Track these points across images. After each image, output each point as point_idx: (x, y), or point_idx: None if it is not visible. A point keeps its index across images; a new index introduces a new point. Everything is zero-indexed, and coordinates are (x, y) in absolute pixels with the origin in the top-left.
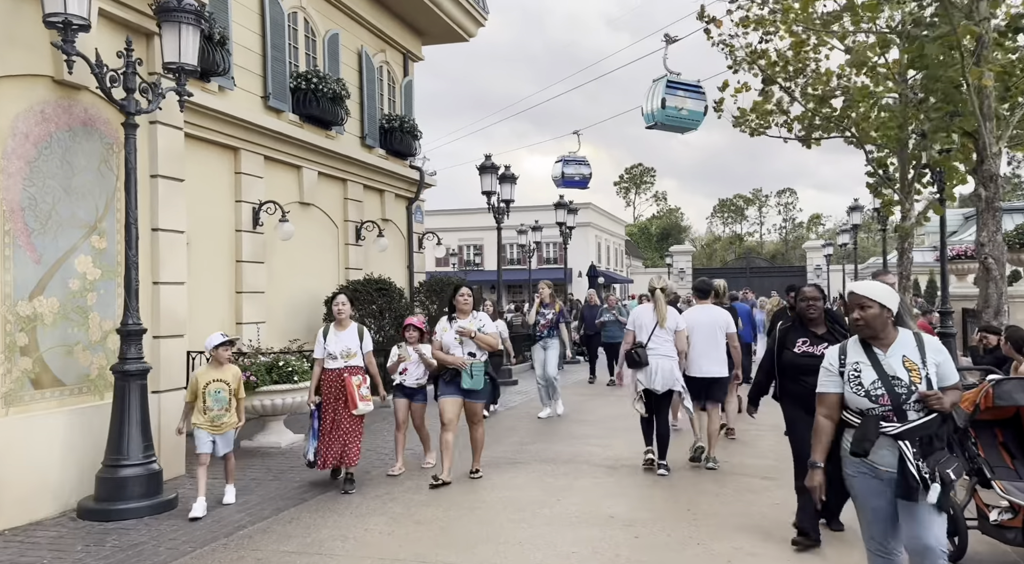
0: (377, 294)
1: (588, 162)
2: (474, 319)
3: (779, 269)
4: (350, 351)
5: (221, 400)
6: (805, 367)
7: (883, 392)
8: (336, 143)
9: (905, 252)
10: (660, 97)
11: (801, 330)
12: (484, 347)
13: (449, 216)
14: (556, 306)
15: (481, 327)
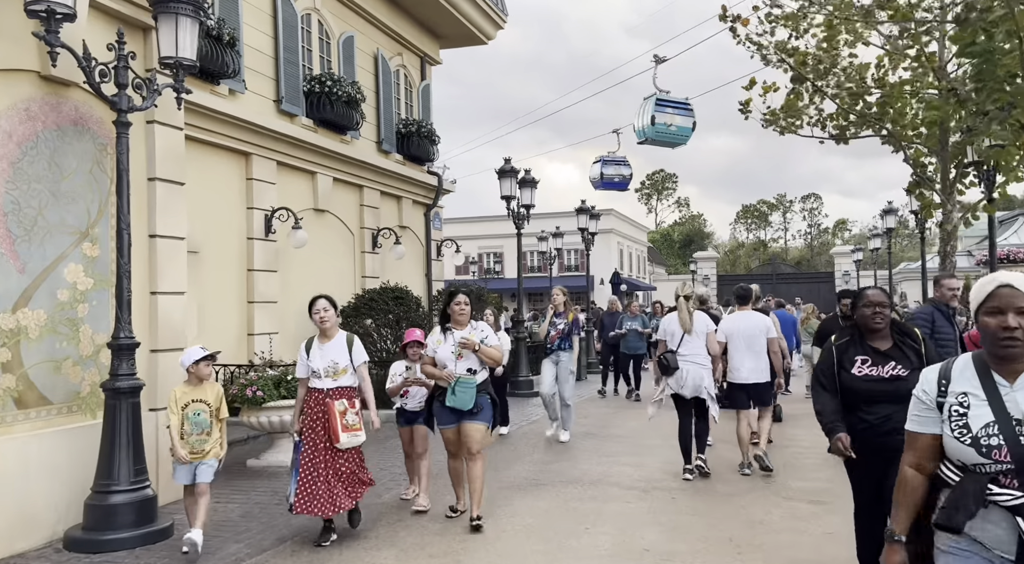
0: (393, 303)
1: (628, 162)
2: (474, 330)
3: (806, 275)
4: (337, 367)
5: (201, 423)
6: (867, 393)
7: (1001, 442)
8: (351, 148)
9: (948, 256)
10: (650, 114)
11: (860, 346)
12: (488, 362)
13: (469, 224)
14: (570, 315)
15: (484, 339)
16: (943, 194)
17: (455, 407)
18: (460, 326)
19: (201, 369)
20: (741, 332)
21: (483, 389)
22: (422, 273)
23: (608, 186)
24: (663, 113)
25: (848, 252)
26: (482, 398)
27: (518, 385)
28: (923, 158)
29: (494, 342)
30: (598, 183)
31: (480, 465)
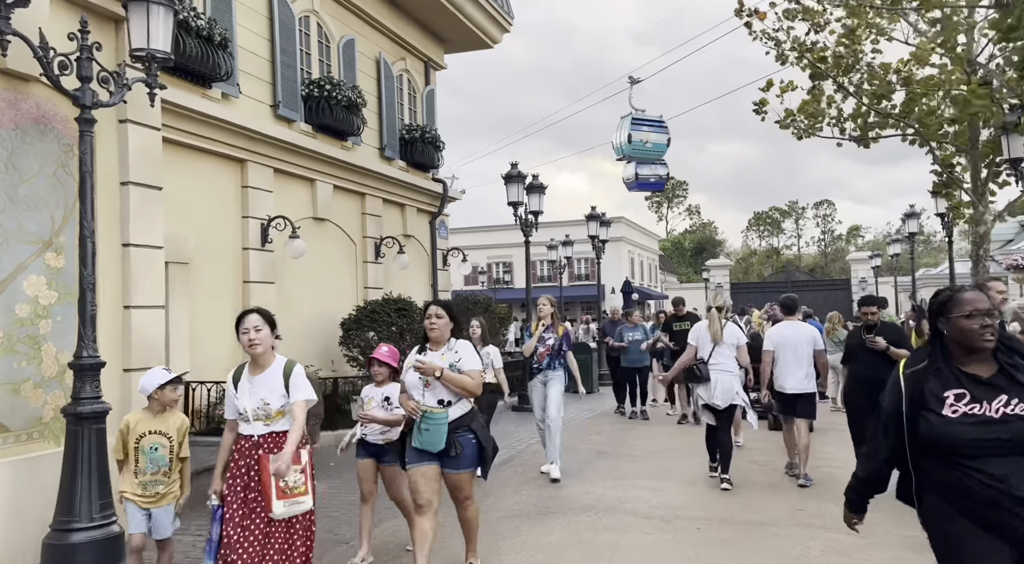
0: (396, 315)
1: (665, 161)
2: (449, 350)
3: (821, 282)
4: (269, 409)
5: (158, 461)
6: (975, 444)
7: None
8: (352, 154)
9: (981, 260)
10: (627, 133)
11: (948, 373)
12: (459, 391)
13: (477, 233)
14: (559, 328)
15: (456, 362)
16: (974, 195)
17: (421, 448)
18: (436, 345)
19: (166, 395)
20: (789, 342)
21: (463, 425)
22: (427, 283)
23: (644, 187)
24: (639, 131)
25: (865, 258)
26: (462, 437)
27: (525, 400)
28: (953, 158)
29: (470, 365)
30: (633, 184)
31: (471, 509)
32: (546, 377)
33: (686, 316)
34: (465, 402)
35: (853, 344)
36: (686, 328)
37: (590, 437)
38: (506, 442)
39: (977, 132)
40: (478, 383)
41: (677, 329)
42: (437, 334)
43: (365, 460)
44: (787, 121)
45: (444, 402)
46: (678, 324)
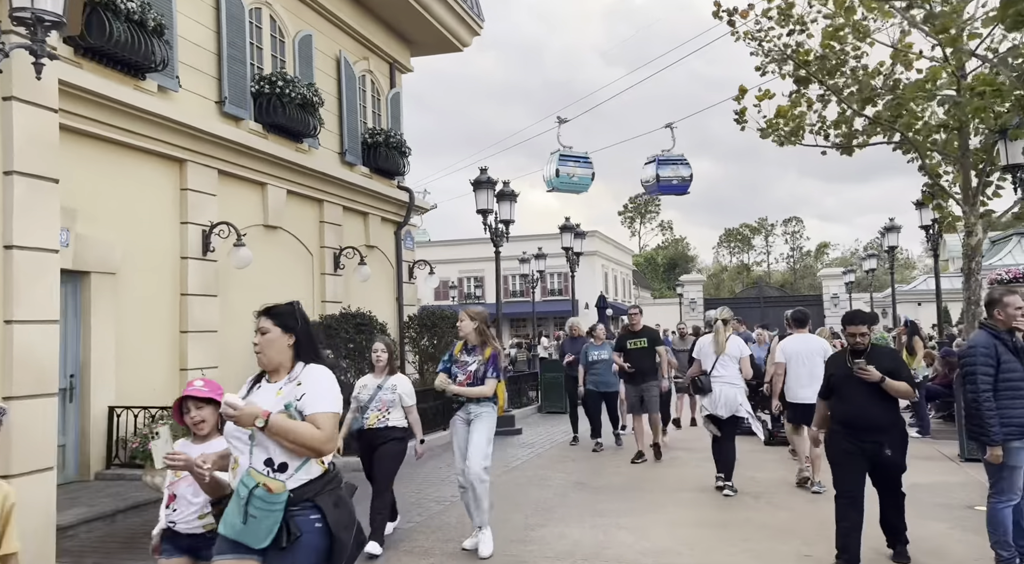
0: (355, 330)
1: (687, 161)
2: (289, 382)
3: (793, 298)
4: None
5: None
6: None
7: None
8: (309, 158)
9: (973, 273)
10: (555, 167)
11: None
12: (295, 448)
13: (448, 247)
14: (486, 351)
15: (295, 401)
16: (965, 204)
17: (236, 539)
18: (273, 375)
19: None
20: (801, 354)
21: (305, 497)
22: (392, 297)
23: (665, 189)
24: (565, 166)
25: (837, 274)
26: (301, 517)
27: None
28: (940, 168)
29: (316, 407)
30: (653, 186)
31: None
32: (469, 413)
33: (643, 331)
34: (313, 464)
35: (836, 375)
36: (642, 345)
37: (565, 464)
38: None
39: (967, 139)
40: (327, 435)
41: (632, 348)
42: (265, 358)
43: (174, 559)
44: (769, 130)
45: (276, 465)
46: (633, 341)
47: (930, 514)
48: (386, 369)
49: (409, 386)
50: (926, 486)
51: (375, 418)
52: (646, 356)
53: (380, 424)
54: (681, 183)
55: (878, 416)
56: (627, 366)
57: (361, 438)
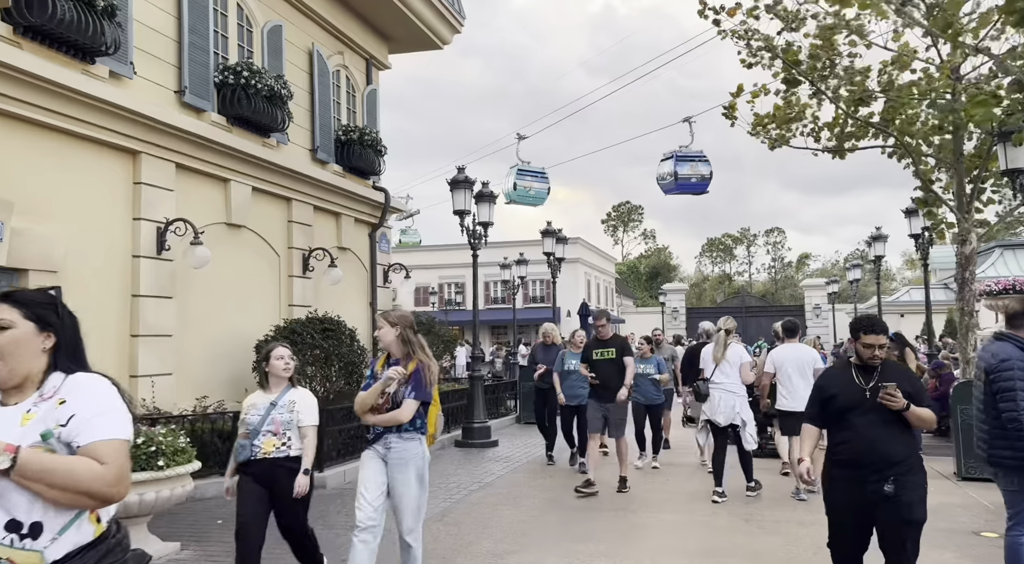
0: (321, 336)
1: (707, 158)
2: (43, 400)
3: (775, 308)
4: None
5: None
6: None
7: None
8: (277, 154)
9: (967, 283)
10: (512, 181)
11: None
12: (61, 496)
13: (428, 253)
14: (411, 363)
15: (58, 427)
16: (959, 212)
17: None
18: (14, 395)
19: None
20: (792, 362)
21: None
22: (366, 302)
23: (684, 188)
24: (523, 180)
25: (820, 285)
26: None
27: (471, 434)
28: (932, 173)
29: (98, 433)
30: (670, 185)
31: None
32: (388, 447)
33: (612, 340)
34: (86, 522)
35: (840, 399)
36: (610, 356)
37: (542, 480)
38: None
39: (962, 143)
40: (116, 474)
41: (599, 358)
42: (4, 368)
43: None
44: (756, 129)
45: (25, 528)
46: (601, 352)
47: (934, 540)
48: (285, 382)
49: (312, 402)
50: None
51: (271, 445)
52: (615, 369)
53: (279, 453)
54: (700, 181)
55: (895, 451)
56: (592, 378)
57: (250, 472)
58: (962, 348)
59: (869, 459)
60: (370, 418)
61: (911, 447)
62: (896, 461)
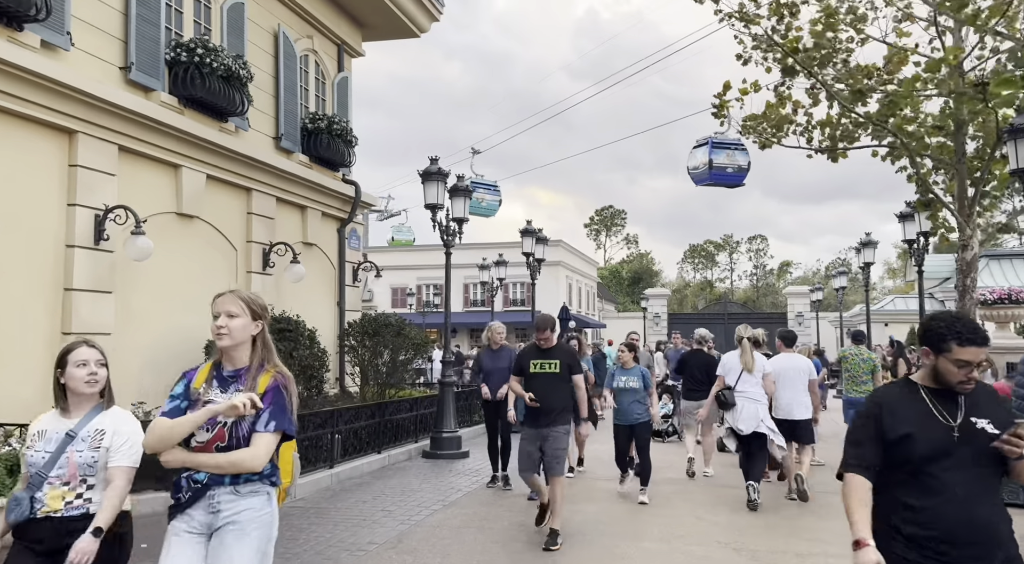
0: (277, 336)
1: (745, 147)
2: None
3: (757, 315)
4: None
5: None
6: None
7: None
8: (236, 140)
9: (968, 290)
10: None
11: None
12: None
13: (406, 253)
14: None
15: None
16: (960, 216)
17: None
18: None
19: None
20: (786, 372)
21: None
22: (333, 301)
23: (719, 178)
24: (477, 191)
25: (804, 292)
26: None
27: (440, 444)
28: (930, 176)
29: None
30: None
31: None
32: (215, 509)
33: (556, 350)
34: None
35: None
36: (552, 370)
37: (514, 499)
38: None
39: (963, 144)
40: None
41: (536, 371)
42: None
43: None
44: (748, 126)
45: None
46: (540, 363)
47: None
48: (92, 401)
49: (130, 431)
50: None
51: (59, 500)
52: (557, 386)
53: (73, 510)
54: (737, 172)
55: (1002, 526)
56: (529, 398)
57: (28, 539)
58: None
59: (968, 537)
60: (186, 458)
61: (1004, 509)
62: (1003, 539)
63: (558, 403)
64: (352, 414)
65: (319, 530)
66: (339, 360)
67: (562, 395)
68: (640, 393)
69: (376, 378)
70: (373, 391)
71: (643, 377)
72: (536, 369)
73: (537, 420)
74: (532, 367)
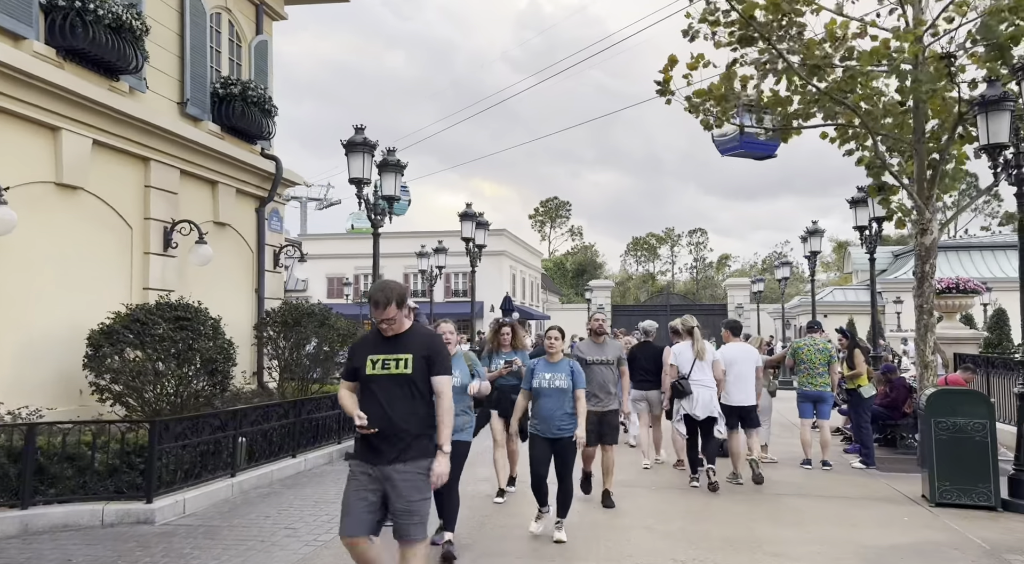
0: (174, 326)
1: None
2: None
3: (699, 306)
4: None
5: None
6: None
7: None
8: (130, 102)
9: (926, 277)
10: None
11: None
12: None
13: (343, 241)
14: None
15: None
16: (920, 198)
17: None
18: None
19: None
20: (735, 360)
21: None
22: (251, 287)
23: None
24: None
25: (744, 284)
26: None
27: None
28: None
29: None
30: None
31: None
32: None
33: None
34: None
35: None
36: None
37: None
38: None
39: (923, 123)
40: None
41: (373, 373)
42: None
43: None
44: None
45: None
46: (378, 359)
47: None
48: None
49: None
50: (910, 550)
51: None
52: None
53: None
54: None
55: None
56: (358, 417)
57: None
58: (920, 351)
59: None
60: None
61: None
62: None
63: (412, 424)
64: (261, 413)
65: (202, 556)
66: (257, 353)
67: (416, 411)
68: (568, 396)
69: (298, 373)
70: (294, 387)
71: (573, 374)
72: (374, 369)
73: (376, 452)
74: (369, 366)
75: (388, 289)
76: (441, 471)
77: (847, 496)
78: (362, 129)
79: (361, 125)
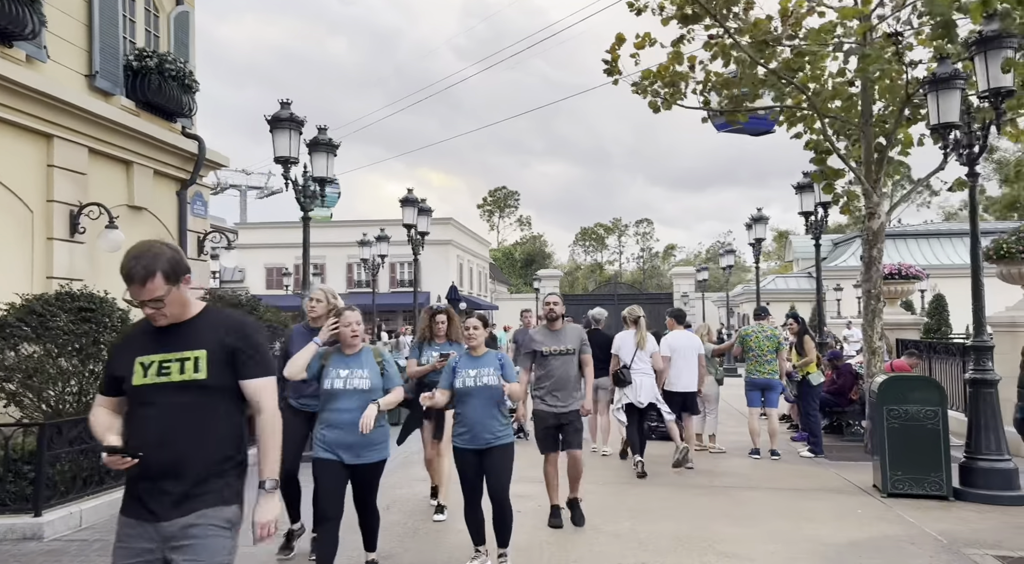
0: (75, 318)
1: None
2: None
3: (645, 295)
4: None
5: None
6: None
7: None
8: (28, 72)
9: (874, 262)
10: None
11: None
12: None
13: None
14: None
15: None
16: (868, 182)
17: None
18: None
19: None
20: (682, 348)
21: None
22: None
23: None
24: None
25: (690, 273)
26: None
27: None
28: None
29: None
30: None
31: None
32: None
33: (193, 327)
34: None
35: None
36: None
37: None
38: None
39: (870, 104)
40: None
41: (142, 383)
42: None
43: None
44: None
45: None
46: (151, 362)
47: None
48: None
49: None
50: (868, 546)
51: None
52: (199, 413)
53: None
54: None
55: None
56: (112, 442)
57: None
58: (867, 336)
59: None
60: None
61: None
62: None
63: (206, 453)
64: None
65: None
66: None
67: (213, 434)
68: (498, 394)
69: None
70: None
71: (502, 367)
72: (147, 377)
73: (152, 500)
74: (138, 373)
75: (148, 254)
76: (267, 520)
77: (798, 488)
78: (288, 104)
79: (288, 100)
